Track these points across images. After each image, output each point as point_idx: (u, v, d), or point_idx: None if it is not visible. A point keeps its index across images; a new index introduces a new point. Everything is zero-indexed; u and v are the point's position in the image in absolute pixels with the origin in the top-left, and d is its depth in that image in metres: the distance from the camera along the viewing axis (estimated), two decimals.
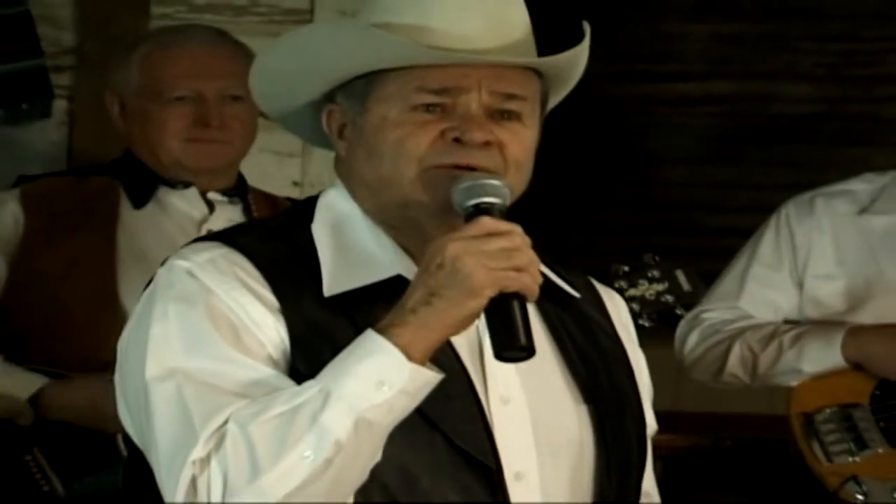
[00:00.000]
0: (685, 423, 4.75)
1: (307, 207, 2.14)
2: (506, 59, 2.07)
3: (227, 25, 3.88)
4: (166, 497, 1.87)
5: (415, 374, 1.82)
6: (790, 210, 3.56)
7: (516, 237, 1.86)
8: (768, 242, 3.49)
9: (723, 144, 6.04)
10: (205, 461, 1.80)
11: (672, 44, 6.14)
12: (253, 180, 3.64)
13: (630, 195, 6.08)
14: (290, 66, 2.14)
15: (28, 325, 3.49)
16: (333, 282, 2.00)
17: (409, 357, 1.80)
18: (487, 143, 2.00)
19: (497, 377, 2.02)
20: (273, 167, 3.83)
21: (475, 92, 2.02)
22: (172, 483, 1.84)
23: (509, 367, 1.97)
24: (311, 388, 1.82)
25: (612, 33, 6.01)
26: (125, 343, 2.05)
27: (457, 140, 1.99)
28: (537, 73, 2.14)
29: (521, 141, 2.06)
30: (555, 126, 2.26)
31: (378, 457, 1.84)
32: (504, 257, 1.83)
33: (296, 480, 1.78)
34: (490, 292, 1.81)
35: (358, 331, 1.91)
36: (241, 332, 1.93)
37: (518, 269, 1.84)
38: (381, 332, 1.82)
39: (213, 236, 2.16)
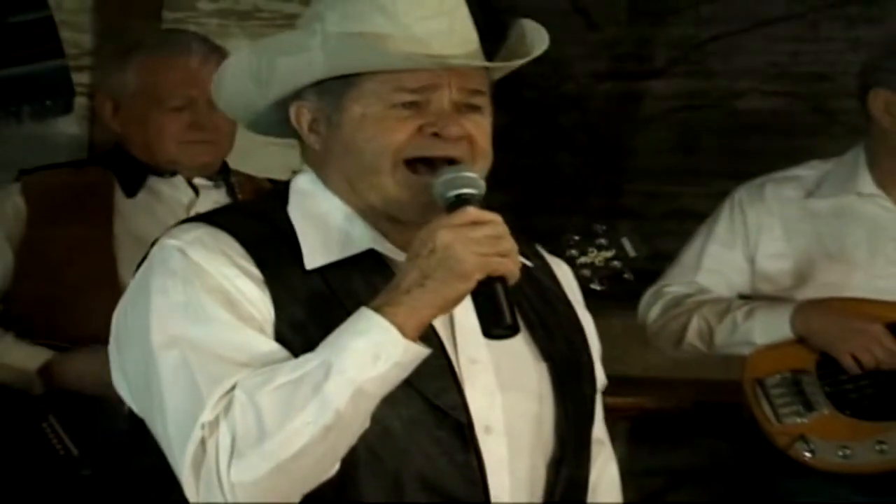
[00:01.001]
0: (652, 388, 4.93)
1: (281, 192, 2.36)
2: (477, 62, 2.37)
3: (232, 29, 4.09)
4: (174, 456, 2.09)
5: (408, 349, 2.07)
6: (743, 195, 3.84)
7: (499, 225, 2.15)
8: (723, 224, 3.74)
9: (688, 136, 6.29)
10: (214, 424, 2.03)
11: (644, 46, 6.38)
12: (258, 169, 3.82)
13: (606, 182, 6.29)
14: (267, 69, 2.35)
15: (35, 307, 3.67)
16: (312, 256, 2.24)
17: (404, 334, 2.06)
18: (461, 137, 2.25)
19: (465, 340, 2.25)
20: (275, 157, 4.04)
21: (447, 90, 2.30)
22: (181, 444, 2.05)
23: (476, 332, 2.19)
24: (313, 360, 2.07)
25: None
26: (122, 317, 2.25)
27: (434, 134, 2.24)
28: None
29: (485, 131, 2.34)
30: (544, 121, 2.55)
31: (368, 423, 2.05)
32: (490, 244, 2.11)
33: (298, 444, 2.02)
34: (478, 276, 2.10)
35: (337, 299, 2.18)
36: (233, 303, 2.16)
37: (502, 255, 2.13)
38: (377, 310, 2.08)
39: (197, 217, 2.38)
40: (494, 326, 2.17)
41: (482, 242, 2.09)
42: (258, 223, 2.30)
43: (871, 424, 3.79)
